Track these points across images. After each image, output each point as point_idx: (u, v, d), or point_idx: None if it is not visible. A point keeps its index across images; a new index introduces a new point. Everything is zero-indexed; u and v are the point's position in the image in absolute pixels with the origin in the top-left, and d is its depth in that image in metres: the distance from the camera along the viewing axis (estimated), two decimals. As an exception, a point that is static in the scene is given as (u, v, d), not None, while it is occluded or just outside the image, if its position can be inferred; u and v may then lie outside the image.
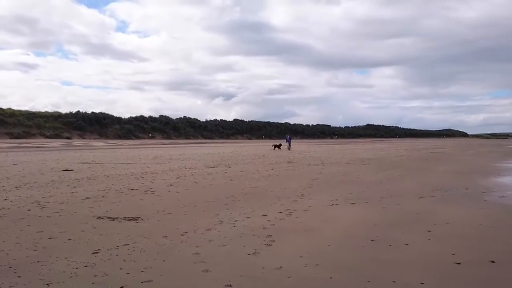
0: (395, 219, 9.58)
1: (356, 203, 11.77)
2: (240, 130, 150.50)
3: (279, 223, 9.14)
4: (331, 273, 5.80)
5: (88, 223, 9.00)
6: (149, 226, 8.81)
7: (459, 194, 13.36)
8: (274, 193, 13.43)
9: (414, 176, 19.24)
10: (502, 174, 20.61)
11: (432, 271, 5.93)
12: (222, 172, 20.71)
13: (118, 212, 10.16)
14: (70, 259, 6.45)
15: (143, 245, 7.29)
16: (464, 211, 10.51)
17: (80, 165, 24.38)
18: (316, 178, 18.30)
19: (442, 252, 6.86)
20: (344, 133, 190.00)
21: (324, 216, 9.96)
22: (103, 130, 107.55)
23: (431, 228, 8.53)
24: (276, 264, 6.21)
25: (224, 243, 7.47)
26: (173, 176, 18.38)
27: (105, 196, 12.69)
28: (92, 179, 17.15)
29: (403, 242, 7.44)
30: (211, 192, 13.82)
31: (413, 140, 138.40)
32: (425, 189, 14.53)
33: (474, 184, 16.01)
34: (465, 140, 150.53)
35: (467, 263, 6.24)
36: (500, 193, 13.71)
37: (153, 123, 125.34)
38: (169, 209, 10.68)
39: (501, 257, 6.51)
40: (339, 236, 8.03)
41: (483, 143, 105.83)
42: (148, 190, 14.05)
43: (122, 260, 6.43)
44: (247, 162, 28.24)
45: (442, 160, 31.88)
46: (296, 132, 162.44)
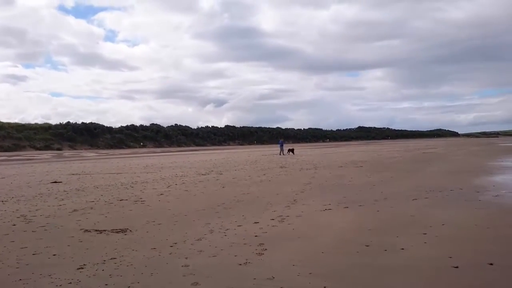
0: (390, 222, 9.40)
1: (350, 207, 11.58)
2: (232, 136, 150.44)
3: (271, 230, 8.92)
4: (325, 282, 5.58)
5: (75, 236, 8.73)
6: (137, 238, 8.56)
7: (453, 195, 13.22)
8: (266, 199, 13.22)
9: (407, 178, 19.11)
10: (495, 173, 20.53)
11: (429, 276, 5.74)
12: (213, 179, 20.47)
13: (106, 224, 9.89)
14: (54, 275, 6.18)
15: (130, 258, 7.04)
16: (459, 212, 10.36)
17: (69, 176, 24.02)
18: (308, 182, 18.11)
19: (439, 255, 6.67)
20: (336, 136, 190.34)
21: (317, 222, 9.76)
22: (94, 140, 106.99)
23: (426, 230, 8.35)
24: (268, 274, 5.99)
25: (215, 254, 7.24)
26: (163, 185, 18.11)
27: (93, 208, 12.41)
28: (81, 190, 16.83)
29: (399, 247, 7.25)
30: (202, 200, 13.58)
31: (405, 141, 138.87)
32: (419, 190, 14.37)
33: (468, 184, 15.89)
34: (456, 140, 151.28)
35: (465, 267, 6.06)
36: (494, 192, 13.59)
37: (144, 131, 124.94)
38: (159, 219, 10.43)
39: (499, 259, 6.34)
40: (333, 242, 7.83)
41: (474, 142, 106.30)
42: (138, 200, 13.78)
43: (108, 275, 6.17)
44: (239, 168, 28.00)
45: (434, 161, 31.84)
46: (288, 136, 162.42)
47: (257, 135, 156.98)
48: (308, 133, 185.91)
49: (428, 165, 27.24)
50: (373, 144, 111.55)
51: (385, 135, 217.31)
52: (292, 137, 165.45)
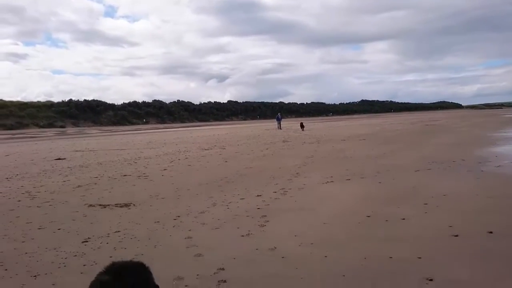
0: (391, 193, 9.45)
1: (352, 179, 11.63)
2: (235, 111, 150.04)
3: (273, 203, 8.99)
4: (326, 252, 5.65)
5: (79, 211, 8.83)
6: (141, 211, 8.65)
7: (455, 166, 13.23)
8: (268, 173, 13.27)
9: (410, 150, 19.11)
10: (498, 144, 20.49)
11: (429, 245, 5.80)
12: (216, 154, 20.53)
13: (110, 199, 9.99)
14: (59, 249, 6.28)
15: (134, 231, 7.13)
16: (461, 183, 10.39)
17: (73, 153, 24.13)
18: (311, 156, 18.15)
19: (439, 225, 6.72)
20: (339, 110, 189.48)
21: (319, 194, 9.82)
22: (97, 117, 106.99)
23: (427, 201, 8.40)
24: (270, 245, 6.06)
25: (217, 226, 7.32)
26: (166, 160, 18.19)
27: (97, 183, 12.50)
28: (84, 166, 16.93)
29: (400, 217, 7.30)
30: (205, 174, 13.65)
31: (408, 114, 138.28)
32: (421, 162, 14.39)
33: (470, 155, 15.88)
34: (460, 112, 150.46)
35: (465, 235, 6.11)
36: (496, 163, 13.59)
37: (147, 108, 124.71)
38: (162, 193, 10.51)
39: (499, 228, 6.38)
40: (334, 213, 7.89)
41: (478, 113, 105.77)
42: (141, 175, 13.86)
43: (112, 248, 6.27)
44: (241, 143, 28.04)
45: (437, 133, 31.75)
46: (291, 111, 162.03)
47: (260, 110, 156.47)
48: (311, 107, 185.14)
49: (431, 137, 27.17)
50: (376, 117, 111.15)
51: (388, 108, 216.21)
52: (295, 112, 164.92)
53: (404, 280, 4.65)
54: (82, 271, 5.36)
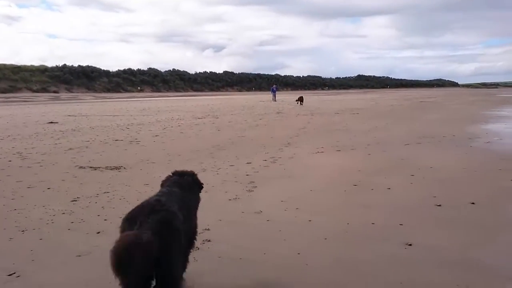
0: (380, 165, 9.55)
1: (342, 150, 11.72)
2: (230, 82, 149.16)
3: (262, 170, 9.07)
4: (311, 216, 5.76)
5: (69, 172, 8.89)
6: (131, 174, 8.72)
7: (445, 141, 13.34)
8: (260, 142, 13.34)
9: (402, 125, 19.20)
10: (490, 122, 20.62)
11: (411, 213, 5.91)
12: (209, 123, 20.55)
13: (100, 162, 10.04)
14: (48, 207, 6.36)
15: (123, 192, 7.20)
16: (449, 157, 10.50)
17: (66, 117, 24.07)
18: (303, 127, 18.21)
19: (423, 195, 6.84)
20: (335, 84, 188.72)
21: (309, 163, 9.91)
22: (91, 84, 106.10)
23: (414, 172, 8.51)
24: (256, 208, 6.16)
25: (206, 190, 7.29)
26: (159, 127, 18.20)
27: (88, 147, 12.54)
28: (76, 130, 16.93)
29: (385, 187, 7.41)
30: (197, 142, 13.70)
31: (404, 90, 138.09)
32: (412, 136, 14.49)
33: (461, 131, 16.00)
34: (456, 90, 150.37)
35: (448, 205, 6.23)
36: (486, 139, 13.71)
37: (142, 76, 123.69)
38: (153, 158, 10.57)
39: (482, 199, 6.51)
40: (322, 181, 7.99)
41: (473, 92, 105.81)
42: (133, 140, 13.89)
43: (100, 207, 6.35)
44: (235, 113, 28.03)
45: (431, 109, 31.84)
46: (287, 83, 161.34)
47: (255, 82, 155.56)
48: (307, 80, 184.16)
49: (424, 113, 27.27)
50: (371, 92, 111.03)
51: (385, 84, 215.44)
52: (291, 85, 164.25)
53: (383, 244, 4.76)
54: (69, 227, 5.44)
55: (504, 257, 4.41)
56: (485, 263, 4.25)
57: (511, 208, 6.11)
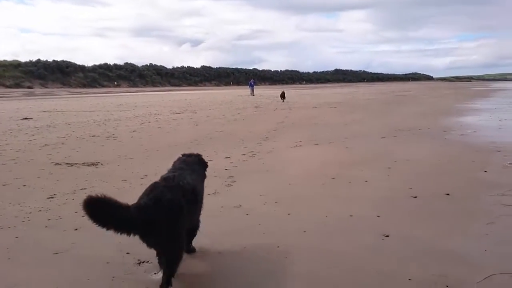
0: (357, 158, 9.66)
1: (320, 143, 11.82)
2: (208, 77, 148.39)
3: (241, 164, 9.09)
4: (290, 210, 5.80)
5: (45, 169, 8.75)
6: (108, 170, 8.63)
7: (421, 134, 13.58)
8: (238, 137, 13.35)
9: (379, 118, 19.43)
10: (464, 114, 21.02)
11: (388, 205, 6.01)
12: (187, 118, 20.45)
13: (77, 158, 9.91)
14: (23, 204, 6.25)
15: (101, 189, 7.11)
16: (425, 149, 10.69)
17: (41, 113, 23.63)
18: (281, 121, 18.28)
19: (400, 187, 6.96)
20: (313, 79, 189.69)
21: (287, 157, 9.97)
22: (66, 79, 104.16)
23: (390, 165, 8.64)
24: (235, 203, 6.18)
25: (185, 185, 7.38)
26: (137, 123, 18.03)
27: (64, 143, 12.35)
28: (52, 126, 16.65)
29: (363, 179, 7.51)
30: (175, 137, 13.64)
31: (380, 84, 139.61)
32: (388, 129, 14.69)
33: (436, 124, 16.29)
34: (431, 83, 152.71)
35: (423, 197, 6.35)
36: (460, 131, 13.99)
37: (119, 71, 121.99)
38: (131, 154, 10.49)
39: (456, 190, 6.65)
40: (300, 175, 8.05)
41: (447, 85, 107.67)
42: (110, 136, 13.74)
43: (78, 204, 6.20)
44: (213, 108, 27.95)
45: (407, 103, 32.30)
46: (265, 78, 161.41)
47: (233, 76, 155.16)
48: (284, 75, 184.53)
49: (400, 106, 27.66)
50: (349, 86, 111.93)
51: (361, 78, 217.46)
52: (269, 79, 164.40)
53: (361, 235, 4.84)
54: (46, 225, 5.37)
55: (478, 246, 4.52)
56: (460, 252, 4.36)
57: (484, 199, 6.26)
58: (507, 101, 32.10)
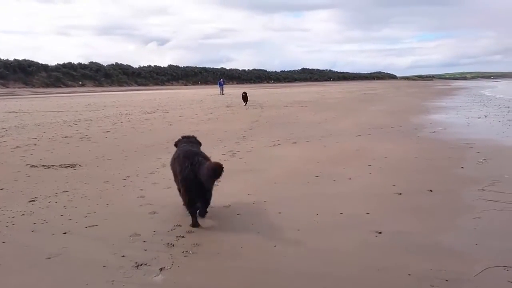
0: (336, 156, 9.78)
1: (298, 142, 11.90)
2: (176, 76, 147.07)
3: (223, 164, 9.01)
4: (280, 209, 5.83)
5: (21, 172, 8.49)
6: (88, 172, 8.45)
7: (394, 131, 13.85)
8: (215, 136, 13.30)
9: (350, 116, 19.72)
10: (431, 112, 21.57)
11: (375, 202, 6.12)
12: (160, 117, 20.23)
13: (53, 160, 9.66)
14: (4, 208, 6.05)
15: (83, 191, 6.98)
16: (400, 147, 10.91)
17: (6, 114, 22.92)
18: (256, 120, 18.31)
19: (383, 184, 7.09)
20: (280, 78, 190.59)
21: (268, 156, 10.00)
22: (29, 79, 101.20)
23: (371, 163, 8.78)
24: (224, 202, 6.16)
25: (169, 186, 7.28)
26: (108, 123, 17.72)
27: (36, 144, 12.02)
28: (21, 128, 16.17)
29: (346, 177, 7.61)
30: (151, 137, 13.48)
31: (346, 83, 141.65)
32: (362, 127, 14.93)
33: (407, 122, 16.66)
34: (395, 82, 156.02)
35: (407, 193, 6.49)
36: (431, 129, 14.35)
37: (83, 70, 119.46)
38: (108, 155, 10.30)
39: (438, 187, 6.82)
40: (284, 173, 8.09)
41: (411, 84, 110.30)
42: (83, 137, 13.45)
43: (62, 206, 6.12)
44: (185, 107, 27.75)
45: (375, 101, 32.88)
46: (232, 77, 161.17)
47: (201, 76, 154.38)
48: (252, 74, 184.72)
49: (369, 105, 28.13)
50: (315, 85, 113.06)
51: (328, 77, 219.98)
52: (237, 78, 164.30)
53: (356, 232, 4.91)
54: (32, 229, 5.22)
55: (468, 240, 4.65)
56: (452, 247, 4.48)
57: (465, 194, 6.43)
58: (470, 99, 33.12)
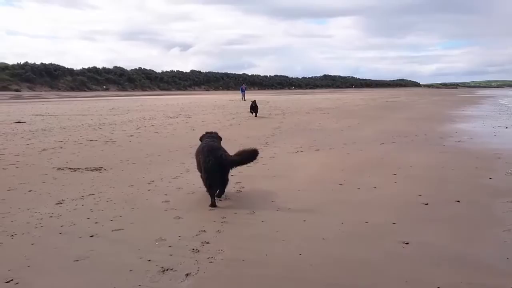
0: (360, 164, 9.70)
1: (321, 149, 11.84)
2: (198, 81, 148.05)
3: (246, 170, 9.01)
4: (304, 216, 5.80)
5: (48, 174, 8.64)
6: (113, 176, 8.55)
7: (418, 140, 13.67)
8: (237, 142, 13.27)
9: (373, 124, 19.54)
10: (457, 121, 21.24)
11: (401, 211, 6.04)
12: (183, 122, 20.37)
13: (79, 163, 9.80)
14: (33, 210, 6.17)
15: (109, 194, 7.06)
16: (425, 156, 10.76)
17: (33, 117, 23.35)
18: (278, 127, 18.29)
19: (409, 193, 7.00)
20: (302, 84, 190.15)
21: (291, 163, 9.97)
22: (54, 82, 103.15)
23: (396, 171, 8.68)
24: (248, 209, 6.16)
25: (193, 191, 7.36)
26: (132, 127, 17.91)
27: (63, 147, 12.22)
28: (47, 130, 16.47)
29: (371, 185, 7.54)
30: (174, 142, 13.57)
31: (368, 90, 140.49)
32: (386, 135, 14.78)
33: (432, 130, 16.43)
34: (418, 90, 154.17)
35: (434, 203, 6.39)
36: (456, 138, 14.12)
37: (107, 74, 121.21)
38: (132, 159, 10.40)
39: (465, 197, 6.70)
40: (308, 181, 8.06)
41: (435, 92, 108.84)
42: (108, 140, 13.63)
43: (88, 209, 6.20)
44: (207, 112, 27.91)
45: (398, 109, 32.53)
46: (254, 83, 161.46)
47: (223, 81, 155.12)
48: (274, 80, 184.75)
49: (392, 112, 27.84)
50: (337, 92, 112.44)
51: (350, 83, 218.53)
52: (258, 84, 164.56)
53: (382, 242, 4.85)
54: (61, 231, 5.30)
55: (499, 253, 4.55)
56: (482, 260, 4.39)
57: (494, 206, 6.31)
58: (496, 108, 32.53)
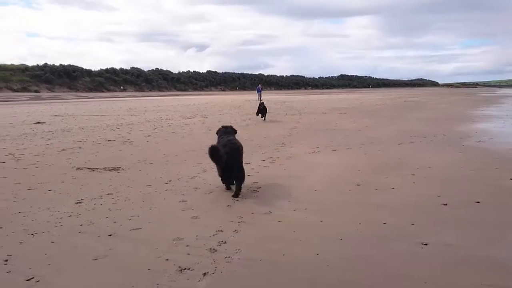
0: (378, 164, 9.62)
1: (338, 149, 11.78)
2: (214, 81, 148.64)
3: (263, 170, 9.07)
4: (321, 217, 5.77)
5: (68, 174, 8.75)
6: (131, 175, 8.62)
7: (437, 140, 13.51)
8: (254, 142, 13.32)
9: (391, 124, 19.37)
10: (477, 121, 20.93)
11: (420, 212, 5.97)
12: (199, 122, 20.46)
13: (97, 163, 9.91)
14: (53, 209, 6.25)
15: (127, 194, 7.12)
16: (444, 156, 10.63)
17: (52, 117, 23.70)
18: (294, 127, 18.25)
19: (428, 194, 6.92)
20: (318, 84, 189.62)
21: (308, 163, 9.93)
22: (73, 83, 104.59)
23: (414, 172, 8.59)
24: (265, 209, 6.15)
25: (210, 191, 7.38)
26: (150, 127, 18.05)
27: (81, 147, 12.37)
28: (66, 131, 16.69)
29: (389, 186, 7.47)
30: (191, 142, 13.63)
31: (386, 90, 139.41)
32: (403, 135, 14.64)
33: (451, 130, 16.22)
34: (437, 89, 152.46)
35: (454, 204, 6.31)
36: (476, 138, 13.92)
37: (125, 75, 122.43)
38: (150, 159, 10.48)
39: (485, 198, 6.60)
40: (324, 181, 8.02)
41: (454, 91, 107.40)
42: (126, 141, 13.75)
43: (107, 209, 6.27)
44: (223, 112, 27.99)
45: (416, 108, 32.20)
46: (270, 83, 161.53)
47: (239, 81, 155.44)
48: (290, 80, 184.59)
49: (410, 112, 27.56)
50: (354, 92, 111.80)
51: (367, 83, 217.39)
52: (274, 84, 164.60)
53: (400, 243, 4.80)
54: (80, 230, 5.36)
55: (520, 255, 4.47)
56: (503, 261, 4.32)
57: (515, 207, 6.20)
58: (517, 108, 31.96)
